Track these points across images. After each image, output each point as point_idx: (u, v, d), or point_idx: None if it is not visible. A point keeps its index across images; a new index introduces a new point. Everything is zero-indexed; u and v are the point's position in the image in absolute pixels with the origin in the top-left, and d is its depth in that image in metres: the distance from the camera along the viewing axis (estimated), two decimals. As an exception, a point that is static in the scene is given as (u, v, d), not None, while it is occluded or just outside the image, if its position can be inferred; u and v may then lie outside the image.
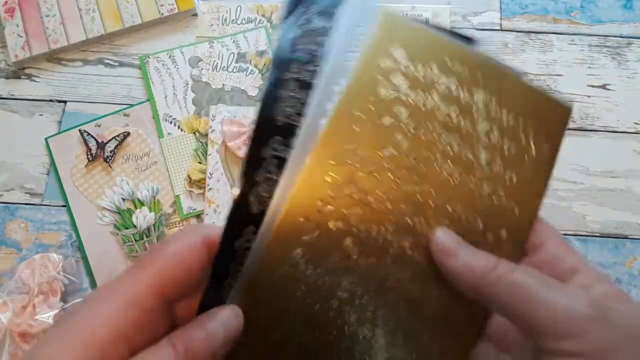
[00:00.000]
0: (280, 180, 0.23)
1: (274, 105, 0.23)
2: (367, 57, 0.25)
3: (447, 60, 0.25)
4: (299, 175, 0.24)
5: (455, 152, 0.25)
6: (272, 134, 0.23)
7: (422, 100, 0.25)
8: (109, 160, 0.54)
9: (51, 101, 0.58)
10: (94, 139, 0.55)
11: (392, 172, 0.25)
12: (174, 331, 0.21)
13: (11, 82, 0.59)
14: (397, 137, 0.25)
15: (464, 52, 0.25)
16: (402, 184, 0.25)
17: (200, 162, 0.54)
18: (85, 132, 0.55)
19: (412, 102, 0.25)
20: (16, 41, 0.58)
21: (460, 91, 0.25)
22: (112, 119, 0.56)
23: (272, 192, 0.23)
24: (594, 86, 0.58)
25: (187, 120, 0.56)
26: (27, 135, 0.57)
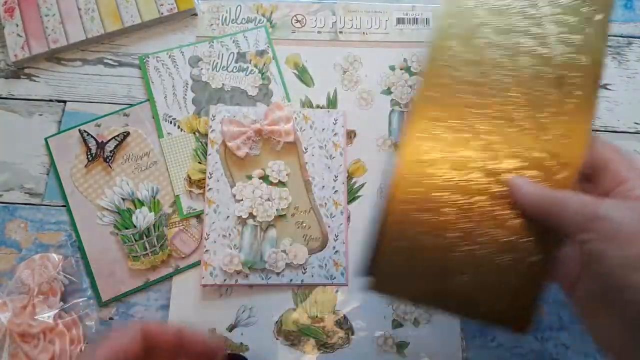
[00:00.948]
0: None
1: None
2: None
3: None
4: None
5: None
6: None
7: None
8: (108, 160, 0.54)
9: (51, 101, 0.58)
10: (94, 139, 0.55)
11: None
12: None
13: (11, 82, 0.59)
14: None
15: None
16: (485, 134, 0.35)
17: (200, 162, 0.54)
18: (85, 132, 0.55)
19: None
20: (16, 41, 0.58)
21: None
22: (112, 119, 0.56)
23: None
24: (594, 86, 0.58)
25: (187, 120, 0.56)
26: (27, 135, 0.57)
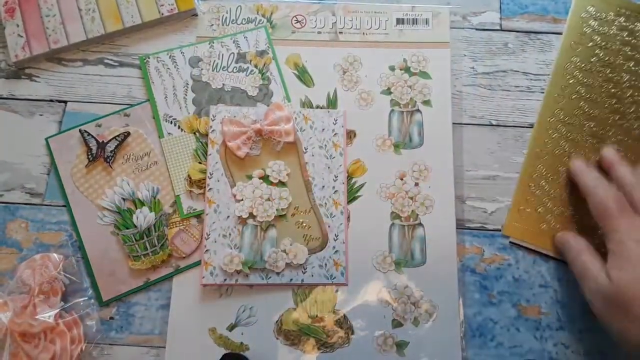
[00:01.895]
0: None
1: None
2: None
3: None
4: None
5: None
6: None
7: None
8: (109, 160, 0.54)
9: (51, 101, 0.58)
10: (95, 139, 0.55)
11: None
12: None
13: (11, 82, 0.59)
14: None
15: None
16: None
17: (200, 162, 0.54)
18: (85, 132, 0.55)
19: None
20: (16, 41, 0.58)
21: None
22: (113, 119, 0.57)
23: None
24: (593, 86, 0.58)
25: (187, 120, 0.56)
26: (27, 135, 0.57)
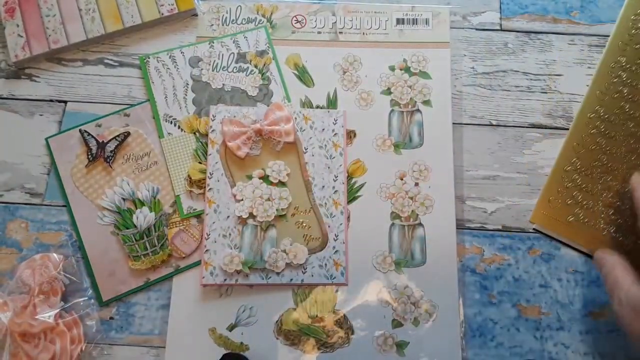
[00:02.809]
0: None
1: None
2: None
3: None
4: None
5: None
6: None
7: None
8: (109, 160, 0.54)
9: (51, 101, 0.58)
10: (95, 139, 0.55)
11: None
12: None
13: (11, 82, 0.59)
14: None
15: None
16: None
17: (200, 162, 0.54)
18: (85, 132, 0.55)
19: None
20: (16, 41, 0.58)
21: None
22: (113, 119, 0.57)
23: None
24: (593, 86, 0.58)
25: (187, 120, 0.56)
26: (28, 135, 0.57)
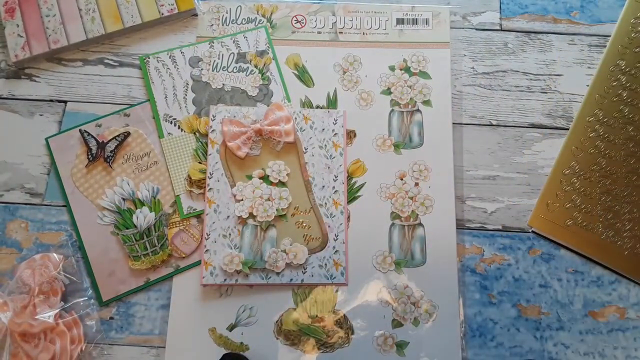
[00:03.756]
0: None
1: None
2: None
3: None
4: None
5: None
6: None
7: None
8: (109, 160, 0.54)
9: (51, 101, 0.58)
10: (94, 139, 0.55)
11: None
12: None
13: (11, 82, 0.59)
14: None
15: None
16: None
17: (200, 162, 0.54)
18: (85, 132, 0.55)
19: None
20: (16, 41, 0.58)
21: None
22: (113, 119, 0.57)
23: None
24: (593, 86, 0.58)
25: (187, 120, 0.56)
26: (28, 135, 0.57)
